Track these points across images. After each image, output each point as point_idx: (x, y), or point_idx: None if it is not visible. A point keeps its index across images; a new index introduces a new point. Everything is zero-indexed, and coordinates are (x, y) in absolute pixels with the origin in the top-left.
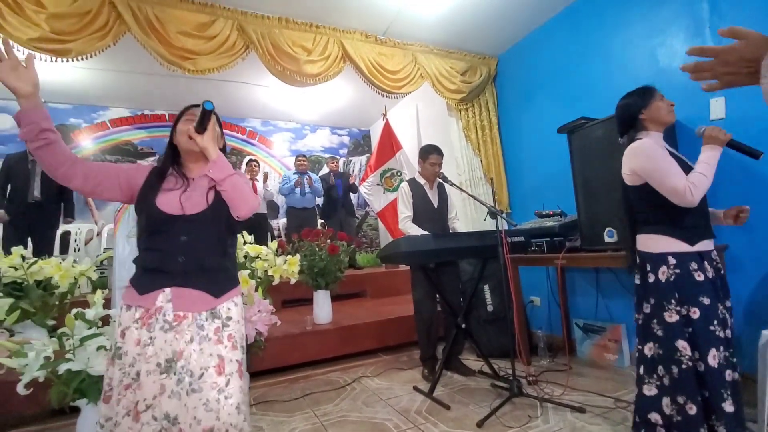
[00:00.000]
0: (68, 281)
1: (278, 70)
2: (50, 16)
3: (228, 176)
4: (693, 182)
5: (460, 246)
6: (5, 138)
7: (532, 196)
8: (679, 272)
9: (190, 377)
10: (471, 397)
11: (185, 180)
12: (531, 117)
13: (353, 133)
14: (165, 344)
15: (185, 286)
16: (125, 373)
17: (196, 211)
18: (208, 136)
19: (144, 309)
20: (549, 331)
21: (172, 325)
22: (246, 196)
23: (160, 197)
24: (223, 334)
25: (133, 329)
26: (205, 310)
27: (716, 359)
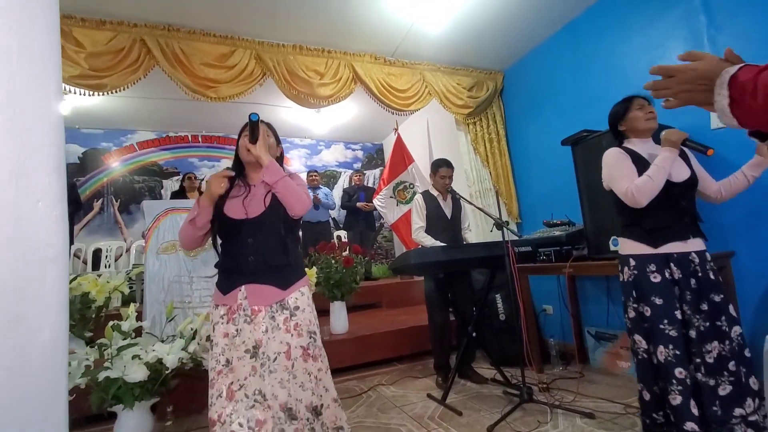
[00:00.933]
0: (104, 296)
1: (293, 93)
2: (89, 54)
3: (280, 179)
4: (636, 184)
5: (468, 257)
6: None
7: (541, 206)
8: (637, 273)
9: (268, 361)
10: (483, 403)
11: (247, 187)
12: (537, 129)
13: (367, 147)
14: (249, 334)
15: (257, 283)
16: (217, 361)
17: (256, 214)
18: (260, 145)
19: (227, 306)
20: (562, 339)
21: (251, 318)
22: (298, 196)
23: (228, 204)
24: (291, 323)
25: (221, 324)
26: (275, 302)
27: (663, 355)
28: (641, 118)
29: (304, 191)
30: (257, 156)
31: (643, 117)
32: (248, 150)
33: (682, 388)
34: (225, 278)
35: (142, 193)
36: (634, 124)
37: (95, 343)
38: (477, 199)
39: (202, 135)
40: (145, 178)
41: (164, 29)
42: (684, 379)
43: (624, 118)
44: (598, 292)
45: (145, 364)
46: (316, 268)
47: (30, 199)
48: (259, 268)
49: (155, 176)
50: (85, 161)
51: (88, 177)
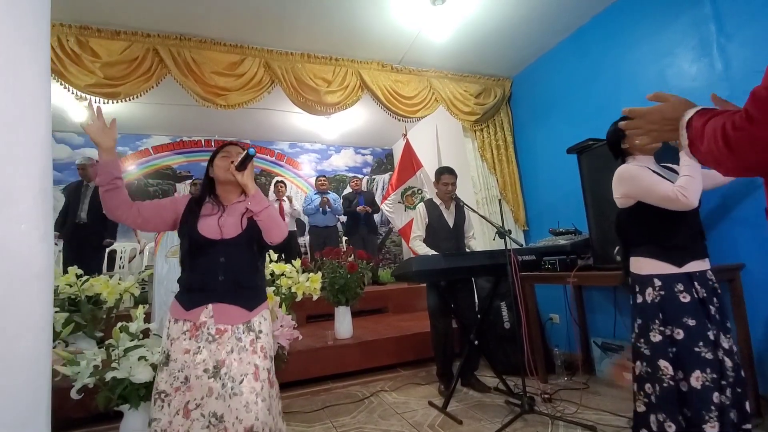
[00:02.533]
0: (114, 297)
1: (301, 101)
2: (104, 64)
3: (264, 208)
4: (681, 185)
5: (470, 265)
6: (62, 166)
7: (548, 214)
8: (663, 294)
9: (231, 382)
10: (484, 413)
11: (220, 206)
12: (545, 136)
13: (376, 152)
14: (210, 353)
15: (224, 302)
16: (175, 377)
17: (232, 235)
18: (248, 174)
19: (191, 323)
20: (567, 349)
21: (214, 338)
22: (279, 225)
23: (201, 223)
24: (257, 345)
25: (182, 340)
26: (242, 323)
27: (699, 380)
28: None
29: (282, 221)
30: (243, 184)
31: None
32: (232, 173)
33: (719, 413)
34: (189, 294)
35: (156, 196)
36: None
37: (104, 344)
38: (483, 206)
39: (215, 139)
40: (159, 181)
41: (176, 39)
42: (721, 404)
43: (626, 135)
44: (605, 301)
45: (151, 365)
46: (321, 273)
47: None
48: (228, 288)
49: (169, 180)
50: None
51: None
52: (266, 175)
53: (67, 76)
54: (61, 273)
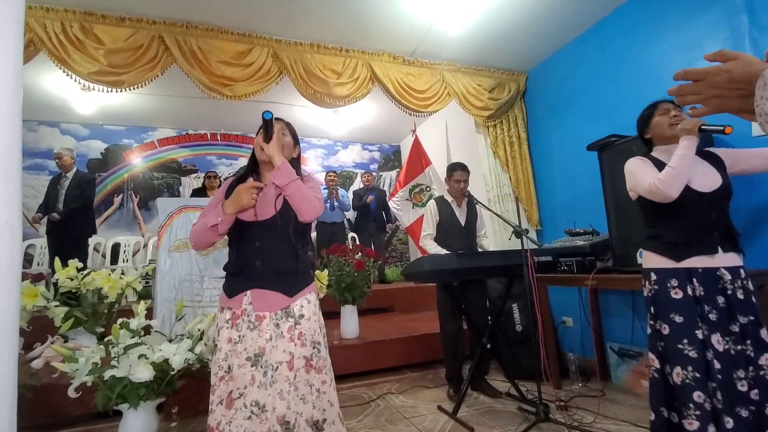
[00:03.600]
0: (116, 292)
1: (309, 93)
2: (108, 51)
3: (290, 182)
4: (660, 177)
5: (484, 265)
6: None
7: (563, 213)
8: (657, 288)
9: (271, 370)
10: (496, 420)
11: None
12: (561, 133)
13: (384, 148)
14: (252, 341)
15: (263, 288)
16: (219, 367)
17: (266, 217)
18: (273, 145)
19: (232, 311)
20: (582, 353)
21: (254, 325)
22: (309, 200)
23: None
24: (295, 332)
25: (225, 329)
26: (280, 309)
27: (679, 377)
28: (665, 124)
29: (316, 195)
30: (269, 156)
31: (667, 122)
32: (261, 147)
33: (700, 412)
34: (231, 281)
35: (160, 189)
36: (658, 130)
37: (103, 341)
38: (495, 204)
39: (220, 133)
40: (164, 174)
41: (182, 26)
42: (702, 403)
43: (648, 124)
44: (622, 306)
45: (151, 364)
46: (327, 270)
47: None
48: (265, 273)
49: (174, 173)
50: (107, 157)
51: (110, 172)
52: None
53: (70, 63)
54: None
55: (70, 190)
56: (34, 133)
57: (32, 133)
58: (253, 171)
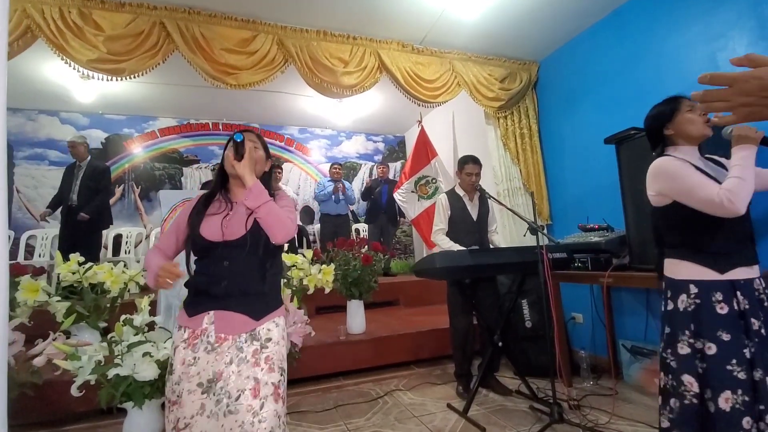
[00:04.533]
0: (119, 286)
1: (316, 82)
2: (107, 38)
3: (262, 204)
4: (728, 188)
5: (497, 262)
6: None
7: (575, 207)
8: (699, 302)
9: (228, 398)
10: (508, 419)
11: (229, 204)
12: (575, 125)
13: (388, 139)
14: (207, 365)
15: (227, 309)
16: (172, 391)
17: (235, 237)
18: (244, 164)
19: (191, 330)
20: (592, 351)
21: (213, 347)
22: (282, 222)
23: (204, 223)
24: (261, 356)
25: (181, 349)
26: (245, 332)
27: (729, 402)
28: (698, 122)
29: (290, 216)
30: (240, 175)
31: (701, 120)
32: (231, 165)
33: None
34: (194, 300)
35: (162, 180)
36: (686, 127)
37: (105, 339)
38: (505, 198)
39: (222, 123)
40: (166, 165)
41: (184, 12)
42: (750, 429)
43: (672, 120)
44: (636, 303)
45: (156, 361)
46: (333, 265)
47: None
48: (231, 294)
49: (175, 164)
50: (107, 146)
51: (111, 162)
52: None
53: (69, 50)
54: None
55: (84, 180)
56: (33, 122)
57: (31, 123)
58: (222, 186)
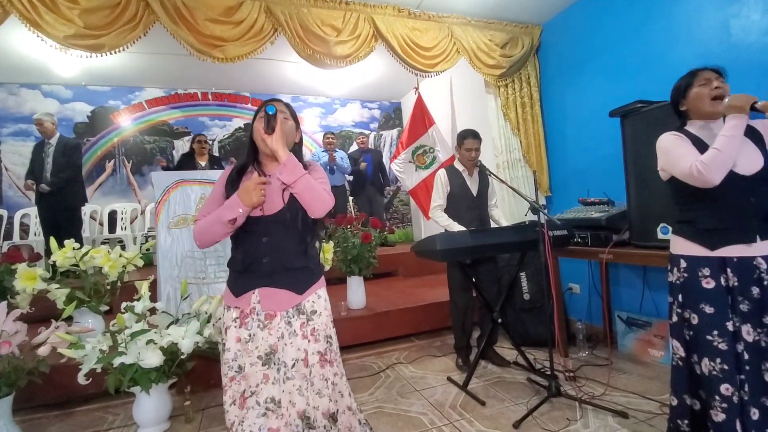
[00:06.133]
0: (117, 270)
1: (308, 53)
2: (83, 11)
3: (298, 178)
4: (702, 159)
5: (498, 242)
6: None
7: (575, 180)
8: (687, 276)
9: (284, 367)
10: (507, 391)
11: (262, 177)
12: (578, 94)
13: (384, 106)
14: (262, 340)
15: (271, 286)
16: (230, 367)
17: (274, 212)
18: (276, 138)
19: (240, 309)
20: (588, 320)
21: (264, 324)
22: (320, 197)
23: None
24: (307, 329)
25: (233, 328)
26: (291, 307)
27: (707, 368)
28: (705, 97)
29: (325, 188)
30: (273, 150)
31: (708, 95)
32: (262, 138)
33: (727, 405)
34: (237, 279)
35: (153, 153)
36: (696, 103)
37: (108, 329)
38: (504, 171)
39: (211, 92)
40: (156, 138)
41: None
42: (730, 396)
43: (685, 95)
44: (632, 276)
45: (160, 348)
46: (332, 243)
47: None
48: (274, 270)
49: (166, 136)
50: (94, 120)
51: (99, 137)
52: None
53: (43, 25)
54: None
55: (56, 157)
56: (15, 96)
57: (13, 97)
58: (253, 160)
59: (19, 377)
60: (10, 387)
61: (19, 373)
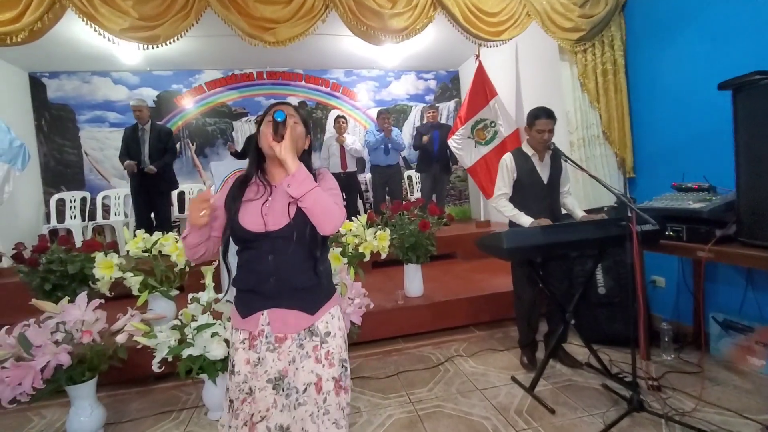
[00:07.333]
0: (184, 258)
1: (361, 30)
2: (136, 2)
3: (307, 192)
4: None
5: (574, 239)
6: (123, 108)
7: (665, 160)
8: None
9: (296, 393)
10: (579, 398)
11: (268, 188)
12: (673, 59)
13: (440, 76)
14: (272, 363)
15: (280, 307)
16: (240, 390)
17: (279, 227)
18: (285, 146)
19: (248, 332)
20: (676, 318)
21: (274, 346)
22: (330, 212)
23: (243, 211)
24: (321, 352)
25: (241, 350)
26: (303, 329)
27: None
28: None
29: (336, 201)
30: (282, 159)
31: None
32: (269, 145)
33: None
34: (243, 298)
35: (214, 135)
36: None
37: (175, 326)
38: (579, 149)
39: (266, 71)
40: (216, 120)
41: None
42: None
43: None
44: (733, 273)
45: (225, 340)
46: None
47: None
48: (282, 291)
49: (225, 118)
50: (160, 104)
51: (165, 120)
52: (322, 109)
53: (99, 19)
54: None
55: (152, 142)
56: (89, 84)
57: (86, 85)
58: (258, 166)
59: (100, 362)
60: (92, 371)
61: (100, 359)
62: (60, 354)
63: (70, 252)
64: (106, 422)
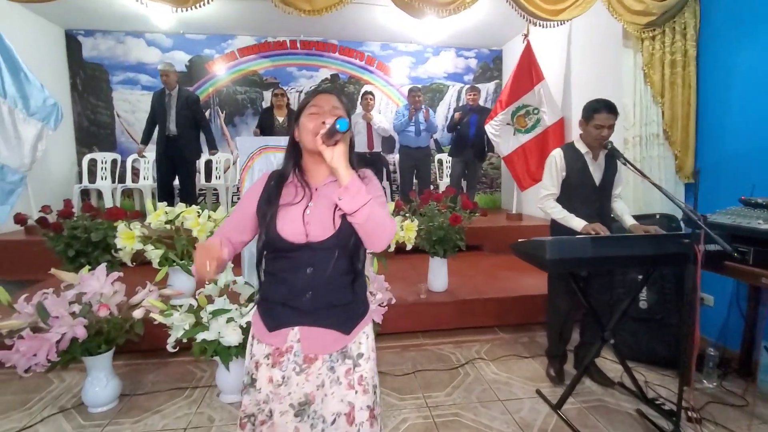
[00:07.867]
0: (205, 234)
1: (404, 1)
2: None
3: (362, 206)
4: None
5: (627, 254)
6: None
7: (731, 168)
8: None
9: (323, 423)
10: (609, 422)
11: (307, 190)
12: (752, 56)
13: (482, 54)
14: (297, 386)
15: (314, 325)
16: (260, 410)
17: (322, 239)
18: (340, 153)
19: (274, 347)
20: (722, 341)
21: (302, 368)
22: (383, 228)
23: (281, 217)
24: (354, 376)
25: (265, 366)
26: (336, 350)
27: None
28: None
29: (389, 219)
30: (334, 168)
31: None
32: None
33: None
34: (271, 311)
35: (244, 105)
36: None
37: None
38: (635, 148)
39: (300, 40)
40: (247, 89)
41: None
42: None
43: None
44: None
45: (240, 327)
46: (416, 221)
47: None
48: (318, 308)
49: (256, 87)
50: (191, 69)
51: (196, 87)
52: (355, 83)
53: None
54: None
55: (179, 108)
56: (123, 44)
57: (120, 45)
58: (295, 164)
59: (117, 336)
60: (109, 344)
61: (117, 332)
62: (76, 326)
63: (94, 219)
64: (122, 393)
